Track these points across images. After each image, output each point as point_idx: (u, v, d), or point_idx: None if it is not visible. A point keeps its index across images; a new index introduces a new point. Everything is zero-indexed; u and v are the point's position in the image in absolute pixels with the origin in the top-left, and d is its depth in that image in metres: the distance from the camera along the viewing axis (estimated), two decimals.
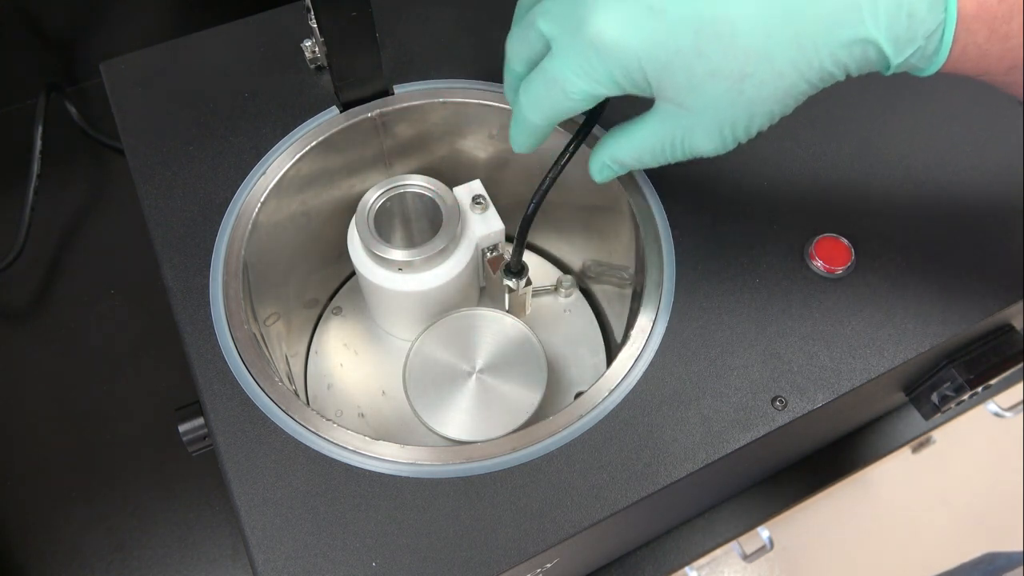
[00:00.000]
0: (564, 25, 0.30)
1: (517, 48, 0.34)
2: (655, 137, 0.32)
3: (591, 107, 0.32)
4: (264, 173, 0.41)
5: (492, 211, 0.45)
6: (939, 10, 0.27)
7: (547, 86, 0.31)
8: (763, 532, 0.60)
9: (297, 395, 0.36)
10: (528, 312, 0.50)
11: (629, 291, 0.45)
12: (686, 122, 0.30)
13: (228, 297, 0.37)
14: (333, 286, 0.53)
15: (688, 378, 0.35)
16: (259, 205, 0.40)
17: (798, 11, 0.27)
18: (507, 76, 0.35)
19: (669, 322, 0.36)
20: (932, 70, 0.29)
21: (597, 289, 0.52)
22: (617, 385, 0.35)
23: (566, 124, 0.43)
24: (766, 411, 0.34)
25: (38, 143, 0.57)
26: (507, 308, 0.46)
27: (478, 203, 0.45)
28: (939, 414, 0.45)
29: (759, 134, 0.31)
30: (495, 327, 0.43)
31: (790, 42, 0.27)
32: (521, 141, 0.35)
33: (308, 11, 0.38)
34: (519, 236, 0.40)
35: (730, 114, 0.29)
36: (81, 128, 0.64)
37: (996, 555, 0.65)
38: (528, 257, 0.55)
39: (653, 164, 0.33)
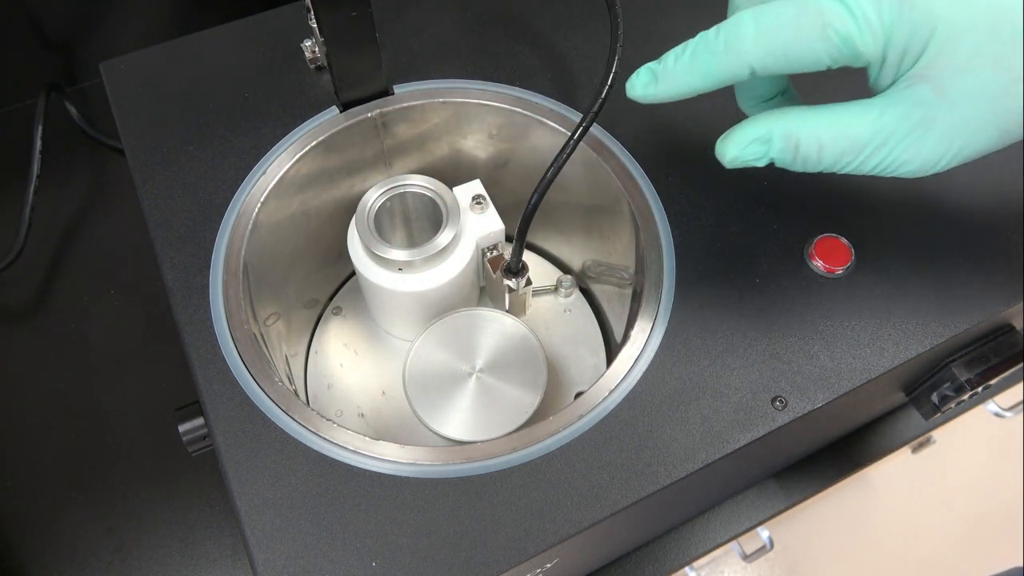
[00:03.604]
0: None
1: None
2: (875, 124, 0.27)
3: (828, 66, 0.27)
4: (264, 173, 0.41)
5: (492, 211, 0.45)
6: None
7: (801, 15, 0.26)
8: (763, 532, 0.60)
9: (297, 395, 0.36)
10: (528, 312, 0.50)
11: (629, 291, 0.45)
12: (930, 113, 0.26)
13: (228, 297, 0.37)
14: (333, 286, 0.53)
15: (688, 378, 0.35)
16: (259, 205, 0.40)
17: None
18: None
19: (669, 322, 0.36)
20: None
21: (597, 289, 0.52)
22: (617, 385, 0.35)
23: (564, 122, 0.43)
24: (766, 411, 0.34)
25: (38, 143, 0.57)
26: (507, 308, 0.46)
27: (478, 203, 0.45)
28: (939, 414, 0.45)
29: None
30: (495, 327, 0.43)
31: None
32: (683, 80, 0.29)
33: (308, 11, 0.38)
34: (520, 231, 0.40)
35: (981, 117, 0.26)
36: (81, 128, 0.64)
37: None
38: (528, 257, 0.55)
39: (827, 161, 0.28)
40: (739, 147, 0.29)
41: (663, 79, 0.30)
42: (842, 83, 0.30)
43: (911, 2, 0.25)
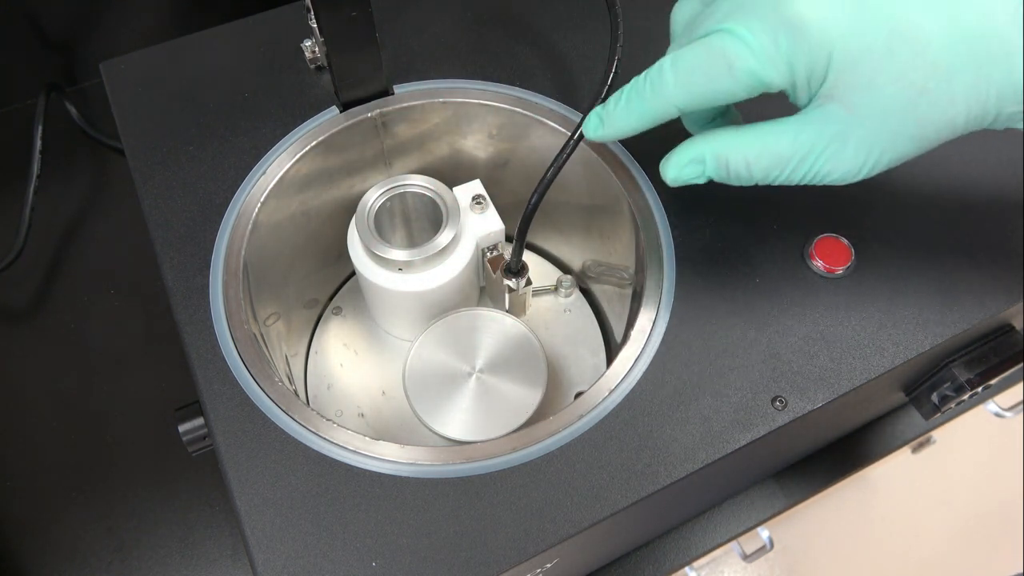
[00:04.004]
0: (755, 2, 0.28)
1: (683, 18, 0.33)
2: (794, 142, 0.29)
3: (740, 99, 0.30)
4: (264, 173, 0.41)
5: (492, 211, 0.45)
6: None
7: (709, 57, 0.29)
8: (763, 532, 0.60)
9: (297, 395, 0.36)
10: (528, 312, 0.50)
11: (629, 291, 0.45)
12: (843, 129, 0.29)
13: (228, 297, 0.37)
14: (333, 286, 0.53)
15: (688, 378, 0.35)
16: (259, 205, 0.40)
17: (983, 38, 0.27)
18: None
19: (669, 322, 0.36)
20: None
21: (597, 289, 0.52)
22: (617, 385, 0.35)
23: (564, 122, 0.43)
24: (766, 411, 0.34)
25: (38, 143, 0.57)
26: (507, 308, 0.46)
27: (478, 203, 0.45)
28: (939, 414, 0.45)
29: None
30: (495, 327, 0.43)
31: (970, 67, 0.27)
32: (623, 123, 0.32)
33: (308, 11, 0.38)
34: (520, 231, 0.40)
35: (892, 129, 0.28)
36: (81, 128, 0.64)
37: None
38: (528, 257, 0.55)
39: (757, 176, 0.31)
40: (677, 168, 0.32)
41: (607, 122, 0.33)
42: (783, 99, 0.32)
43: (804, 31, 0.27)
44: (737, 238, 0.39)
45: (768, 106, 0.32)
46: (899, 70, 0.27)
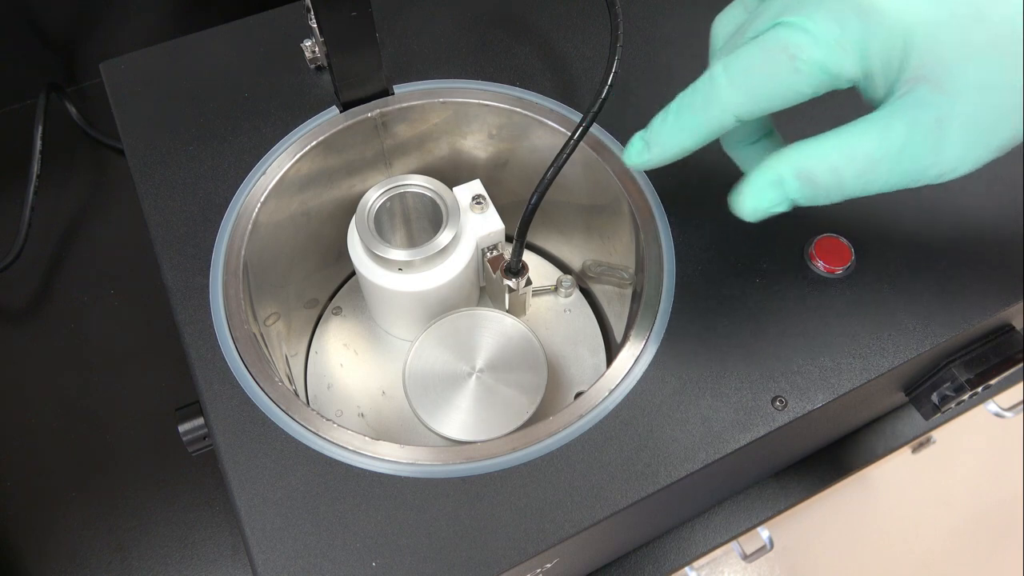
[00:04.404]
0: None
1: (727, 28, 0.30)
2: (883, 136, 0.25)
3: (807, 97, 0.26)
4: (264, 173, 0.41)
5: (492, 211, 0.45)
6: None
7: (767, 54, 0.26)
8: (763, 532, 0.60)
9: (297, 395, 0.36)
10: (528, 312, 0.50)
11: (629, 291, 0.45)
12: (940, 113, 0.25)
13: (228, 297, 0.37)
14: (333, 286, 0.53)
15: (688, 378, 0.35)
16: (259, 205, 0.40)
17: None
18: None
19: (669, 322, 0.36)
20: None
21: (597, 289, 0.52)
22: (617, 385, 0.35)
23: (564, 122, 0.43)
24: (766, 411, 0.34)
25: (38, 143, 0.57)
26: (507, 308, 0.46)
27: (478, 203, 0.45)
28: (939, 414, 0.45)
29: None
30: (495, 327, 0.44)
31: None
32: (672, 142, 0.29)
33: (308, 11, 0.38)
34: (519, 232, 0.40)
35: (996, 104, 0.24)
36: (81, 128, 0.64)
37: None
38: (528, 257, 0.55)
39: (850, 185, 0.26)
40: (755, 197, 0.28)
41: (653, 143, 0.30)
42: (832, 110, 0.30)
43: (875, 9, 0.24)
44: (737, 238, 0.39)
45: (807, 124, 0.29)
46: (994, 33, 0.24)
